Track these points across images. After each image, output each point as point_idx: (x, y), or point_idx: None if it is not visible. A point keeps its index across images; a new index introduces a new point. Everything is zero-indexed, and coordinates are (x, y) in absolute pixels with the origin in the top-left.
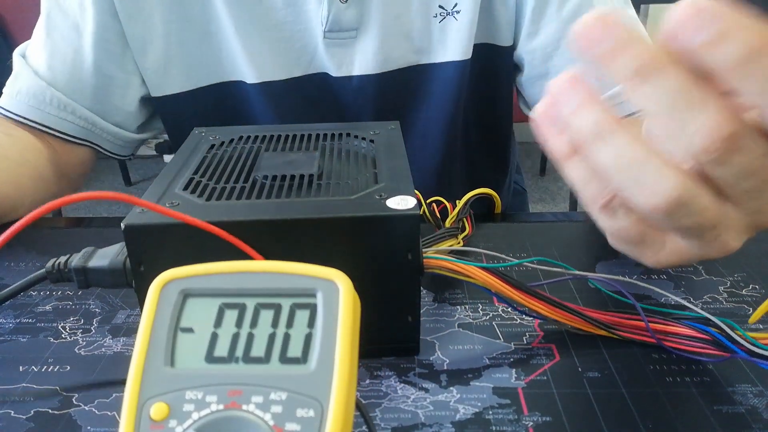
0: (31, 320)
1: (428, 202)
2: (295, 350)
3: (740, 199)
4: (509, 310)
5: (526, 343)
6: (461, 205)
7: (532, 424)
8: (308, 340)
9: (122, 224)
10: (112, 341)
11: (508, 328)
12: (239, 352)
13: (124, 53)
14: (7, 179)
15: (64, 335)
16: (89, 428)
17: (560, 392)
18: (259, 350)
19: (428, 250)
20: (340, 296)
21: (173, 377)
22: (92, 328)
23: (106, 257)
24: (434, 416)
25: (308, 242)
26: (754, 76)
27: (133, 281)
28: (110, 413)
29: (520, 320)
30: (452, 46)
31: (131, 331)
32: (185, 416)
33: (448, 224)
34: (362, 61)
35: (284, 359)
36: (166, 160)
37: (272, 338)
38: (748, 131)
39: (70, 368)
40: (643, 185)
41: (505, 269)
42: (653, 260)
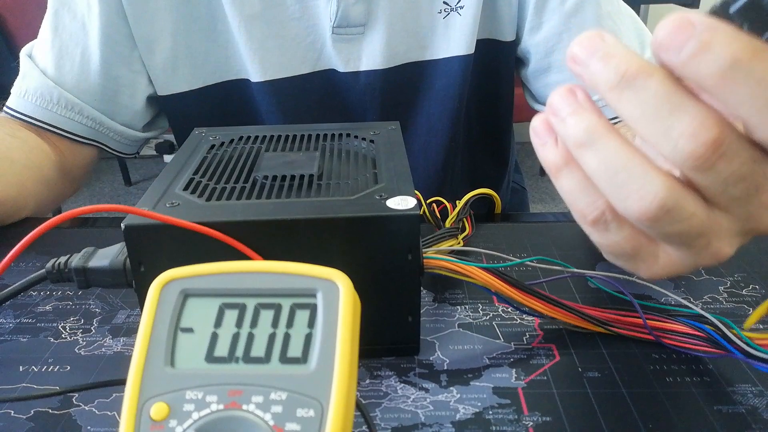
0: (31, 320)
1: (428, 202)
2: (295, 350)
3: (729, 205)
4: (509, 310)
5: (526, 343)
6: (461, 205)
7: (532, 424)
8: (308, 340)
9: (122, 224)
10: (112, 341)
11: (508, 328)
12: (239, 352)
13: (131, 53)
14: (12, 182)
15: (64, 335)
16: (89, 428)
17: (560, 392)
18: (259, 350)
19: (428, 250)
20: (340, 296)
21: (173, 377)
22: (92, 328)
23: (106, 257)
24: (434, 416)
25: (308, 242)
26: (736, 87)
27: (133, 281)
28: (110, 413)
29: (520, 320)
30: (456, 41)
31: (131, 331)
32: (185, 416)
33: (448, 224)
34: (369, 56)
35: (284, 359)
36: (166, 160)
37: (272, 338)
38: (734, 136)
39: (70, 368)
40: (630, 190)
41: (504, 269)
42: (648, 273)
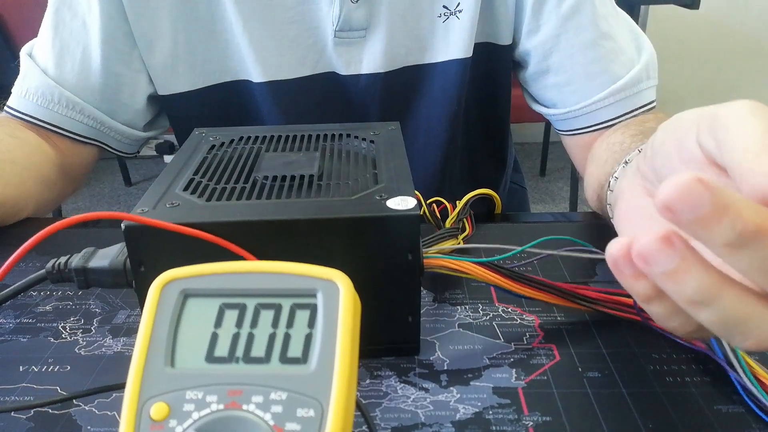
0: (31, 320)
1: (428, 202)
2: (295, 350)
3: None
4: (509, 310)
5: (526, 343)
6: (461, 205)
7: (532, 424)
8: (308, 340)
9: (122, 225)
10: (112, 341)
11: (508, 328)
12: (239, 352)
13: (131, 51)
14: (13, 183)
15: (64, 335)
16: (89, 428)
17: (560, 392)
18: (259, 350)
19: (428, 250)
20: (340, 296)
21: (173, 377)
22: (92, 328)
23: (106, 257)
24: (434, 416)
25: (308, 242)
26: (747, 256)
27: (133, 281)
28: (110, 413)
29: (520, 320)
30: (454, 44)
31: (131, 331)
32: (185, 416)
33: (448, 224)
34: (370, 60)
35: (284, 359)
36: (166, 160)
37: (272, 338)
38: None
39: (70, 368)
40: (748, 335)
41: (503, 262)
42: (745, 345)
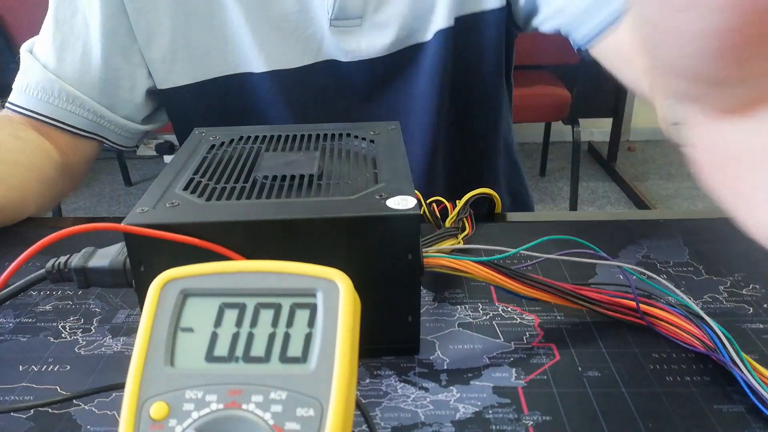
0: (31, 320)
1: (428, 202)
2: (295, 350)
3: None
4: (509, 309)
5: (526, 342)
6: (461, 204)
7: (532, 423)
8: (308, 339)
9: (122, 224)
10: (112, 341)
11: (508, 327)
12: (239, 351)
13: (131, 46)
14: (15, 185)
15: (64, 335)
16: (89, 427)
17: (560, 392)
18: (259, 350)
19: (428, 249)
20: (340, 296)
21: (173, 377)
22: (92, 327)
23: (106, 257)
24: (434, 415)
25: (308, 242)
26: None
27: (133, 281)
28: (110, 412)
29: (520, 320)
30: (439, 16)
31: (131, 330)
32: (185, 415)
33: (448, 224)
34: (369, 45)
35: (284, 359)
36: (166, 160)
37: (272, 338)
38: None
39: (70, 368)
40: None
41: (503, 261)
42: None
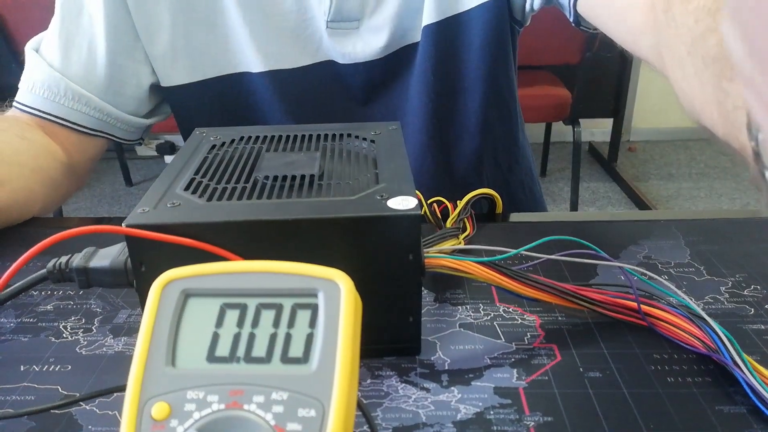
0: (32, 320)
1: (429, 202)
2: (296, 350)
3: None
4: (510, 309)
5: (527, 343)
6: (462, 205)
7: (533, 424)
8: (309, 340)
9: (123, 224)
10: (113, 341)
11: (509, 328)
12: (240, 352)
13: (135, 43)
14: (20, 187)
15: (65, 335)
16: (90, 428)
17: (561, 392)
18: (260, 350)
19: (429, 250)
20: (341, 296)
21: (174, 377)
22: (93, 327)
23: (107, 257)
24: (435, 416)
25: (309, 242)
26: None
27: (134, 281)
28: (111, 413)
29: (521, 320)
30: (425, 14)
31: (132, 330)
32: (186, 416)
33: (449, 224)
34: (366, 47)
35: (285, 359)
36: (166, 160)
37: (273, 338)
38: None
39: (71, 368)
40: None
41: (503, 262)
42: None
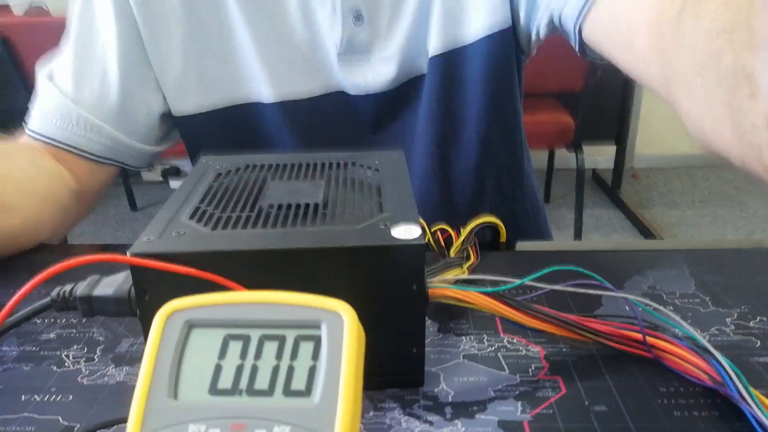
0: (34, 348)
1: (433, 230)
2: (299, 383)
3: None
4: (515, 340)
5: (531, 374)
6: (466, 233)
7: None
8: (312, 372)
9: (128, 252)
10: (114, 370)
11: (513, 359)
12: (243, 384)
13: (148, 72)
14: (31, 215)
15: (67, 363)
16: None
17: (567, 426)
18: (262, 383)
19: (433, 279)
20: (344, 328)
21: (176, 410)
22: (95, 357)
23: (111, 285)
24: None
25: (313, 272)
26: None
27: (137, 310)
28: None
29: (525, 351)
30: (431, 45)
31: (134, 360)
32: None
33: (452, 253)
34: (377, 78)
35: (288, 392)
36: (171, 185)
37: (276, 370)
38: None
39: (72, 397)
40: None
41: (507, 292)
42: None
